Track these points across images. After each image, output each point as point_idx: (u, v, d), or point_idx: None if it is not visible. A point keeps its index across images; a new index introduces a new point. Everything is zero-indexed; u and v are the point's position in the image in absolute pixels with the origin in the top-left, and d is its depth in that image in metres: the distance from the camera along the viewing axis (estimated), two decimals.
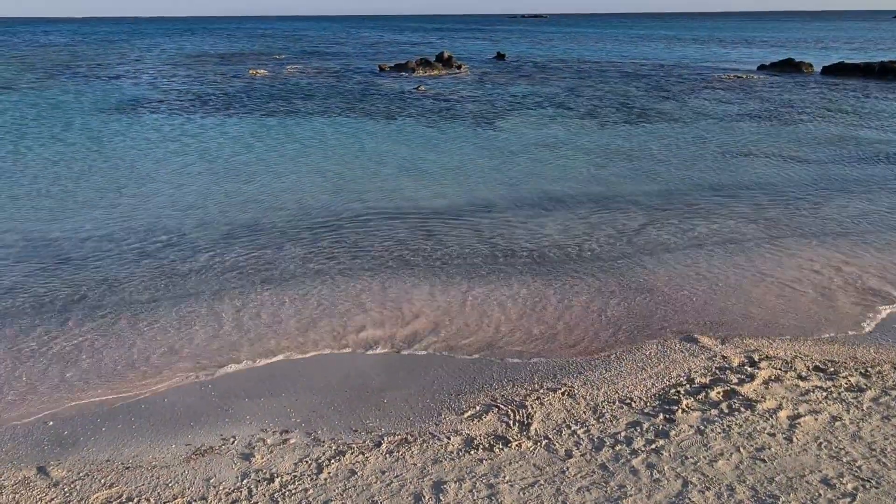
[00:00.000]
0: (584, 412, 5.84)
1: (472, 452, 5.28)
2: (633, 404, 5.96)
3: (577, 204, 12.67)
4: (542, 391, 6.23)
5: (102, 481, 5.02)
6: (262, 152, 17.54)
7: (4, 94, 29.24)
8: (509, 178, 14.72)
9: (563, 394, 6.16)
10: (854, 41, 69.68)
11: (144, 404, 6.14)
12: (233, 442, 5.52)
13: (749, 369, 6.54)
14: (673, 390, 6.18)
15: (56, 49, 64.68)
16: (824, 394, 6.03)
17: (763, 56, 48.02)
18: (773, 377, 6.36)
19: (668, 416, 5.73)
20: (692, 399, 6.00)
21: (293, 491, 4.84)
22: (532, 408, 5.92)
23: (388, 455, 5.27)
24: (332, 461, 5.20)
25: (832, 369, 6.52)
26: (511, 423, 5.71)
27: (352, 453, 5.31)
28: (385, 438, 5.52)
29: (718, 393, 6.09)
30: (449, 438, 5.49)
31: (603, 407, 5.92)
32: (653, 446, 5.28)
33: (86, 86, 32.85)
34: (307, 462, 5.21)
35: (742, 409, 5.78)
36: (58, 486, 4.97)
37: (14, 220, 11.71)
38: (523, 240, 10.68)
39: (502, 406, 5.99)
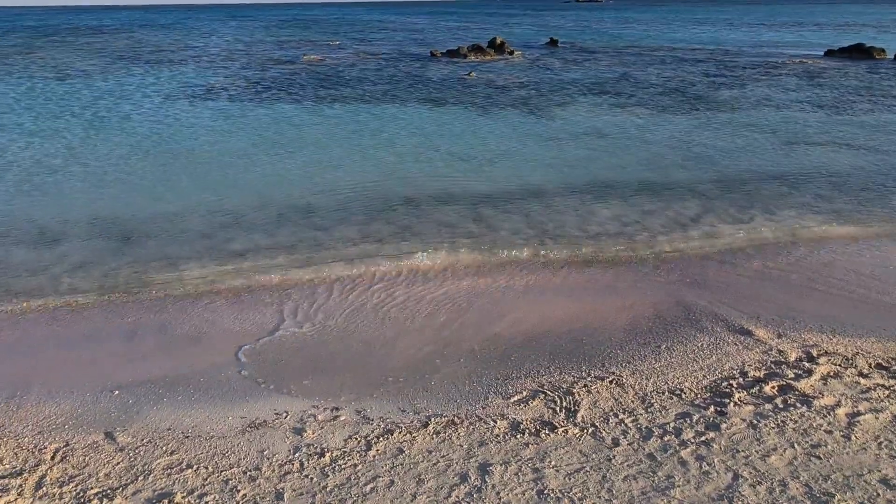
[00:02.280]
0: (633, 401, 5.79)
1: (518, 436, 5.31)
2: (684, 395, 5.87)
3: (631, 192, 12.45)
4: (589, 379, 6.21)
5: (164, 448, 5.28)
6: (318, 136, 17.83)
7: (73, 80, 30.53)
8: (561, 165, 14.56)
9: (611, 382, 6.12)
10: None
11: (202, 378, 6.40)
12: (285, 417, 5.71)
13: (806, 364, 6.34)
14: (725, 383, 6.06)
15: (119, 36, 67.01)
16: (886, 392, 5.81)
17: (825, 40, 45.83)
18: (831, 373, 6.16)
19: (719, 408, 5.63)
20: (745, 392, 5.87)
21: (343, 466, 4.99)
22: (579, 395, 5.91)
23: (435, 436, 5.36)
24: (381, 439, 5.33)
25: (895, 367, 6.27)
26: (558, 409, 5.71)
27: (400, 432, 5.42)
28: (432, 419, 5.61)
29: (773, 387, 5.94)
30: (495, 422, 5.54)
31: (652, 397, 5.86)
32: (703, 438, 5.21)
33: (148, 71, 33.97)
34: (357, 439, 5.35)
35: (798, 405, 5.63)
36: (123, 450, 5.25)
37: (84, 199, 12.29)
38: (574, 227, 10.58)
39: (549, 392, 5.99)
